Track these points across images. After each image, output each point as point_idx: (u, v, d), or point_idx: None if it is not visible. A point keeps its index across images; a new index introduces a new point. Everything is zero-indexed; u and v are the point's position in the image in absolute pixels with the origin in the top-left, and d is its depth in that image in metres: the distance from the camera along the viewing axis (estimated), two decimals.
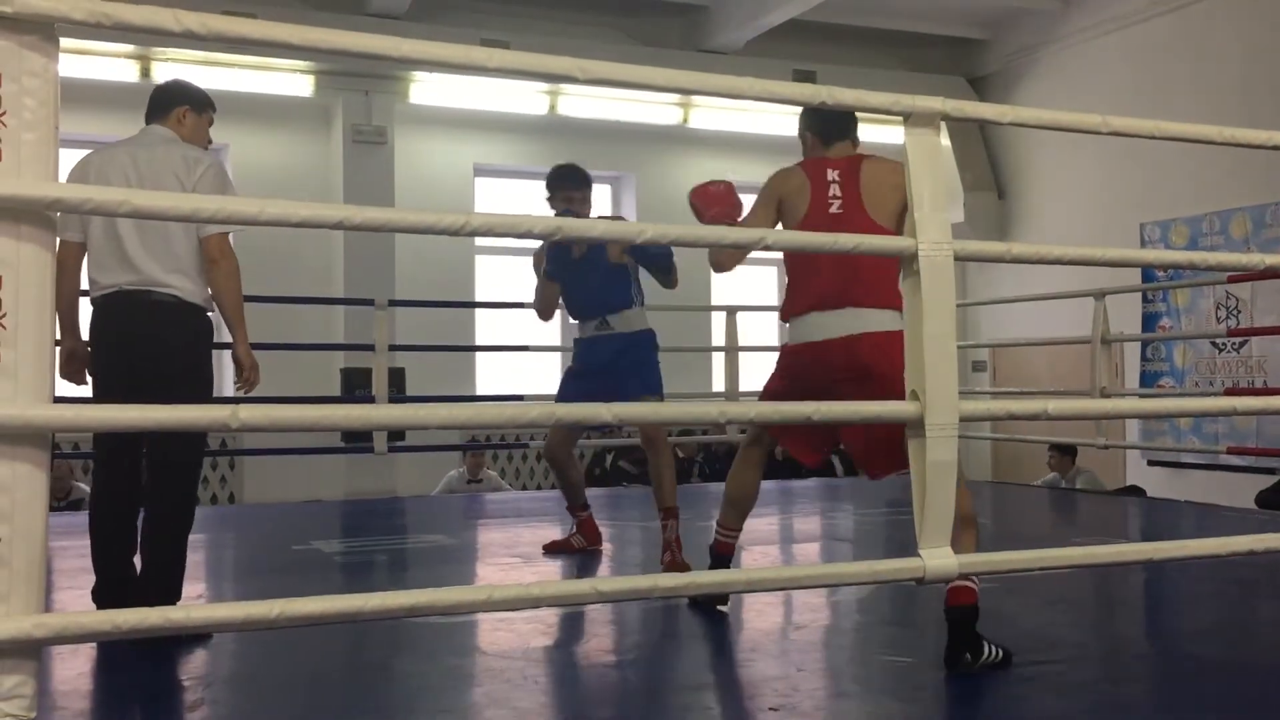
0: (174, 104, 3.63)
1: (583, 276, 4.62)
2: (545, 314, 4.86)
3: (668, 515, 4.39)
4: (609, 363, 4.58)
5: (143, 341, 3.31)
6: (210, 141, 3.78)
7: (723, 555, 3.66)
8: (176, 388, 3.18)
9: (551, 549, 4.92)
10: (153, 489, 3.38)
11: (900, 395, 2.89)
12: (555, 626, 3.51)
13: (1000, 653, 3.00)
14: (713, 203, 3.49)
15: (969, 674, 2.89)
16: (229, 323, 3.51)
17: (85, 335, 3.47)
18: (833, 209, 3.34)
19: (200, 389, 3.43)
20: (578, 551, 4.90)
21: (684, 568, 4.18)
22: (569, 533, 4.98)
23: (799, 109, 3.78)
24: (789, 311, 3.42)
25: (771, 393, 3.48)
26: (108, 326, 3.35)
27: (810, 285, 3.32)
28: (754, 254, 3.61)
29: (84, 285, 3.47)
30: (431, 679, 2.97)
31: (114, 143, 3.56)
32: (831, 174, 3.44)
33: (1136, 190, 9.73)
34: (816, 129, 3.60)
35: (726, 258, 3.60)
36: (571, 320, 4.88)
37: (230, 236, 3.45)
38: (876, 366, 3.14)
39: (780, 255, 11.84)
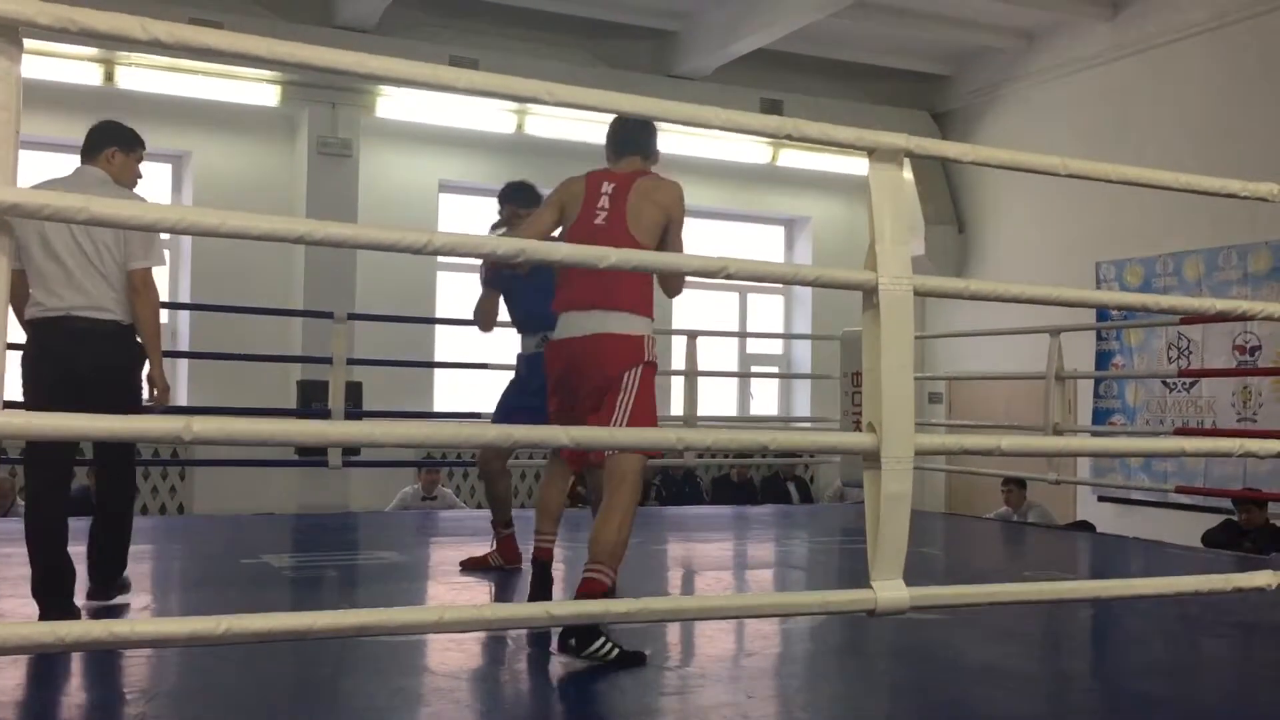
0: (104, 145, 3.87)
1: (525, 289, 4.63)
2: (485, 325, 4.88)
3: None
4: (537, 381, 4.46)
5: (89, 357, 3.62)
6: (140, 176, 4.03)
7: (543, 560, 3.90)
8: (115, 398, 3.55)
9: (469, 565, 4.89)
10: (100, 483, 3.92)
11: (613, 390, 3.41)
12: (505, 647, 3.49)
13: (616, 651, 3.19)
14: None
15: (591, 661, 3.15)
16: (148, 347, 3.81)
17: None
18: (598, 220, 3.58)
19: (133, 400, 3.77)
20: (494, 570, 4.86)
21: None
22: (489, 550, 4.95)
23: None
24: (555, 308, 3.66)
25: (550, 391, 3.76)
26: (53, 343, 3.62)
27: (570, 288, 3.60)
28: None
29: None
30: (379, 699, 2.94)
31: (50, 180, 3.76)
32: (607, 186, 3.66)
33: (1093, 229, 9.88)
34: (609, 143, 3.81)
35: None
36: (516, 334, 4.90)
37: (153, 270, 3.78)
38: (595, 360, 3.48)
39: (739, 282, 11.90)
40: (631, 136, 3.78)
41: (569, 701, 3.05)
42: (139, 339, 3.77)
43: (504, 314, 4.91)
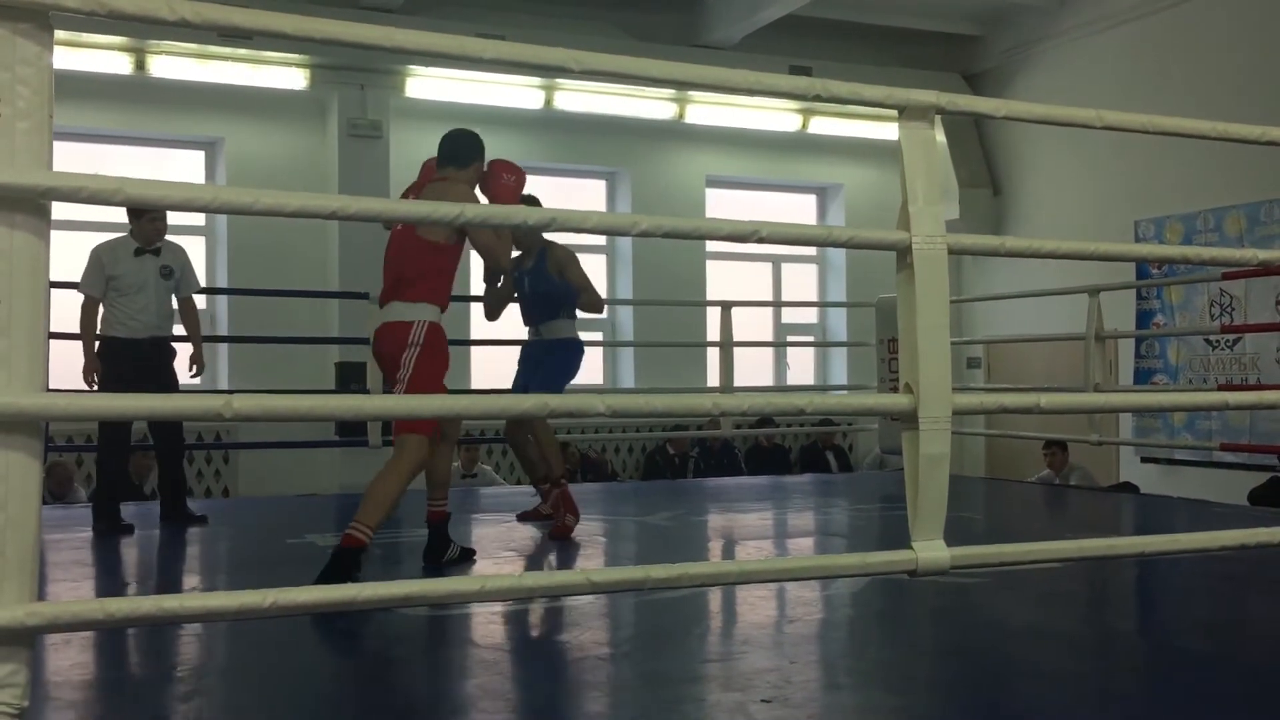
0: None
1: (523, 289, 5.36)
2: (488, 315, 5.45)
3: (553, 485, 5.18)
4: (534, 362, 5.39)
5: None
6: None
7: (437, 523, 4.49)
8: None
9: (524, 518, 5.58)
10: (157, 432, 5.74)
11: (393, 372, 4.01)
12: (547, 619, 3.52)
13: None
14: (506, 194, 4.37)
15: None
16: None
17: None
18: (399, 225, 4.08)
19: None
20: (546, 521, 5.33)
21: (566, 530, 5.06)
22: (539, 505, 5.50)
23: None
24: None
25: None
26: None
27: (383, 284, 4.17)
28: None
29: None
30: (425, 671, 2.97)
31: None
32: (411, 196, 4.30)
33: (1131, 187, 9.74)
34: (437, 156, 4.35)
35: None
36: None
37: (84, 297, 5.41)
38: (384, 348, 4.07)
39: (771, 252, 11.83)
40: (448, 150, 4.29)
41: (613, 671, 3.07)
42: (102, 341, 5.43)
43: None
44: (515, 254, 5.38)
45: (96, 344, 5.43)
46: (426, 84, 9.61)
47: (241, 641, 3.24)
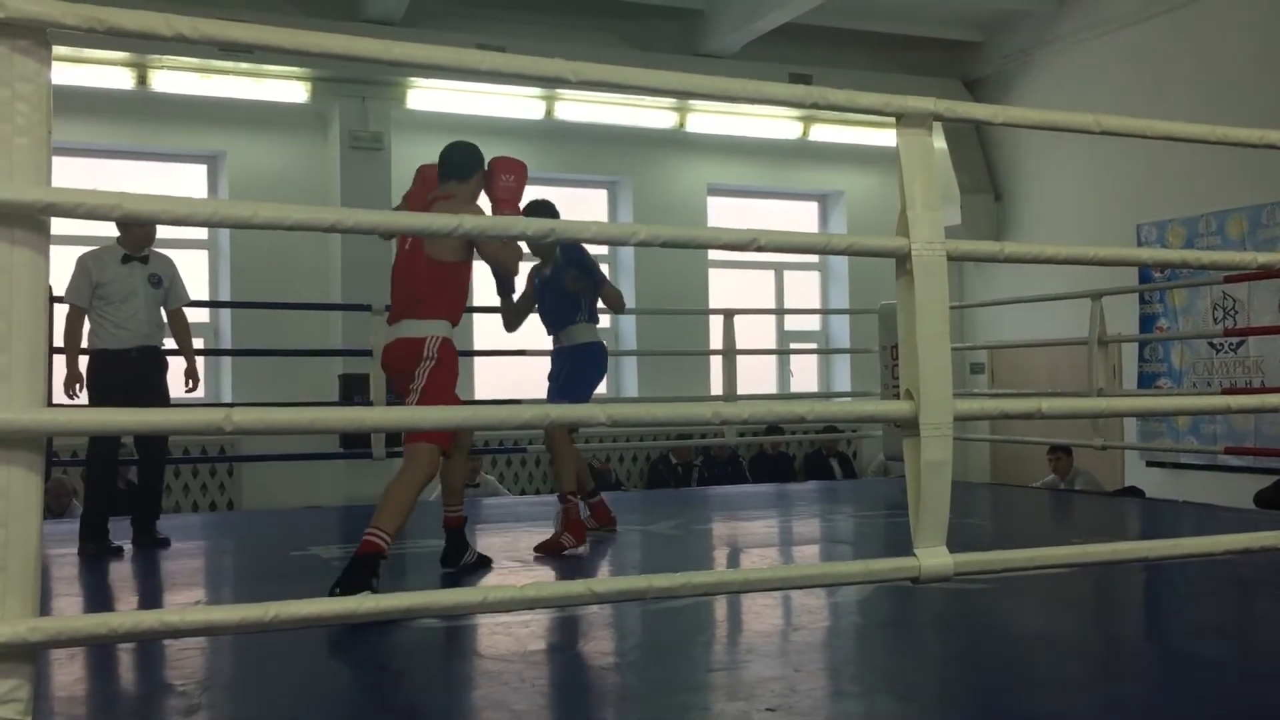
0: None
1: (543, 296, 5.22)
2: (509, 326, 5.36)
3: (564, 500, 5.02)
4: (556, 371, 5.29)
5: None
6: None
7: (455, 528, 4.57)
8: None
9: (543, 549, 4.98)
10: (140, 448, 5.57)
11: (405, 386, 4.00)
12: (552, 629, 3.51)
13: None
14: (506, 195, 4.23)
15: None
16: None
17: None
18: (406, 246, 4.17)
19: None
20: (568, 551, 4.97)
21: (558, 546, 4.88)
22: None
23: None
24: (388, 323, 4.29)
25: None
26: None
27: (392, 303, 4.23)
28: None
29: None
30: (429, 682, 2.97)
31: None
32: (407, 209, 4.34)
33: (1133, 191, 9.74)
34: (438, 172, 4.34)
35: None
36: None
37: (69, 307, 5.32)
38: (397, 363, 4.09)
39: (773, 259, 11.81)
40: (448, 164, 4.28)
41: (618, 681, 3.06)
42: (92, 350, 5.33)
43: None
44: (535, 261, 5.32)
45: (81, 356, 5.34)
46: (428, 95, 9.63)
47: (245, 654, 3.24)
